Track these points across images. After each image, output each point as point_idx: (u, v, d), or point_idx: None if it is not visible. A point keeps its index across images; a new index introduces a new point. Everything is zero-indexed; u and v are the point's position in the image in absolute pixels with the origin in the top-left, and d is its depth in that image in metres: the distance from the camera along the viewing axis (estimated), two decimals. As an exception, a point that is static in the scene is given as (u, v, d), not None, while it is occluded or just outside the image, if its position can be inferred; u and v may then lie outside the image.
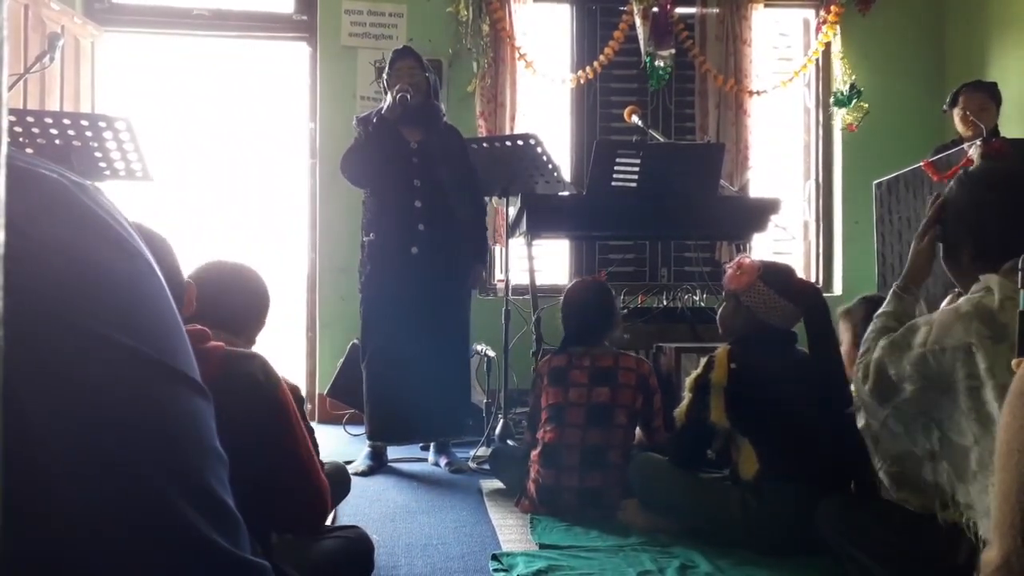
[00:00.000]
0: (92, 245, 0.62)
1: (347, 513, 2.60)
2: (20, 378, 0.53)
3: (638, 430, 2.67)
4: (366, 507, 2.70)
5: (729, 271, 2.35)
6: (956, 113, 3.57)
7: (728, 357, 2.24)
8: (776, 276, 2.29)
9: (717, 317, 2.44)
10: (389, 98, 3.17)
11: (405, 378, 3.11)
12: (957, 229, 1.77)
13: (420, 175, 3.21)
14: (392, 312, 3.19)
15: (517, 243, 3.61)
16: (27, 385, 0.55)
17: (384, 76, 3.31)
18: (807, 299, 2.27)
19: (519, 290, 3.82)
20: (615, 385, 2.58)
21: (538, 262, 3.73)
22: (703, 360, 2.31)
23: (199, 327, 1.33)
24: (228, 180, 5.54)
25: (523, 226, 3.31)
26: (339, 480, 2.38)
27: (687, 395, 2.31)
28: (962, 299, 1.65)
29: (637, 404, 2.61)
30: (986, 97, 3.53)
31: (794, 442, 2.14)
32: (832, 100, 4.86)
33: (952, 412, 1.61)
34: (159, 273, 0.67)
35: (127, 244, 0.64)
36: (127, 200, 3.49)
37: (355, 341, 3.67)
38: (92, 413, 0.59)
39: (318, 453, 1.78)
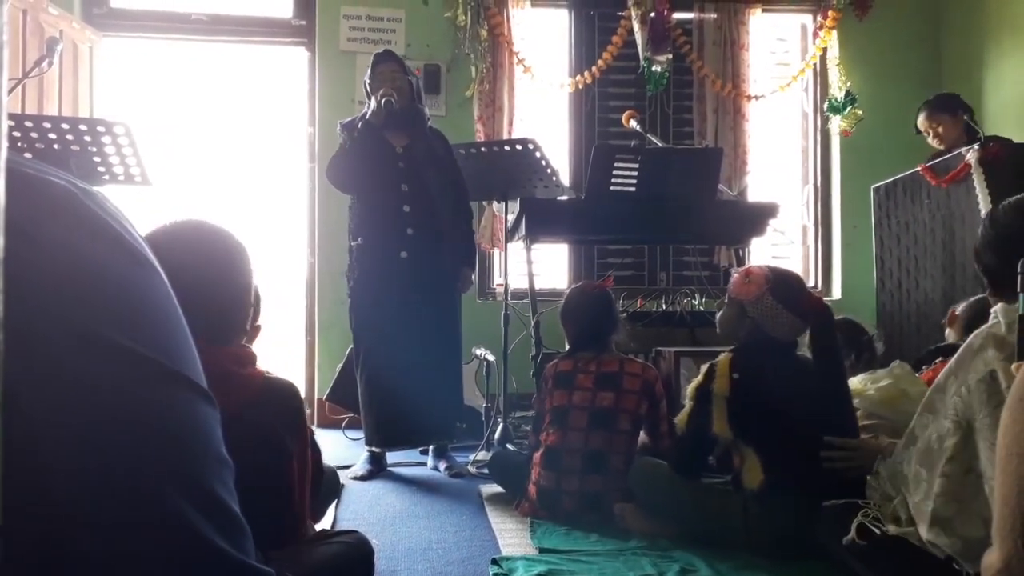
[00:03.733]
0: (99, 251, 0.62)
1: (346, 517, 2.60)
2: (22, 380, 0.53)
3: (642, 435, 2.67)
4: (365, 511, 2.70)
5: (736, 277, 2.31)
6: (926, 137, 3.66)
7: (730, 366, 2.21)
8: (785, 290, 2.24)
9: (716, 319, 2.44)
10: (373, 103, 3.17)
11: (398, 383, 3.11)
12: (979, 267, 1.80)
13: (407, 180, 3.20)
14: (382, 317, 3.18)
15: (516, 247, 3.62)
16: (29, 387, 0.55)
17: (366, 80, 3.30)
18: (814, 315, 2.22)
19: (518, 294, 3.82)
20: (619, 390, 2.59)
21: (537, 266, 3.73)
22: (704, 368, 2.29)
23: (250, 350, 1.34)
24: (226, 184, 5.54)
25: (522, 230, 3.31)
26: (328, 483, 2.38)
27: (688, 403, 2.30)
28: (971, 335, 1.67)
29: (641, 410, 2.61)
30: (933, 111, 3.60)
31: (799, 451, 2.13)
32: (826, 107, 4.88)
33: (990, 455, 1.60)
34: (165, 279, 0.67)
35: (134, 250, 0.65)
36: (125, 205, 3.49)
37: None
38: (94, 416, 0.59)
39: (320, 459, 1.78)
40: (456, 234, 3.31)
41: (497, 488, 2.91)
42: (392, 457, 3.40)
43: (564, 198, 3.65)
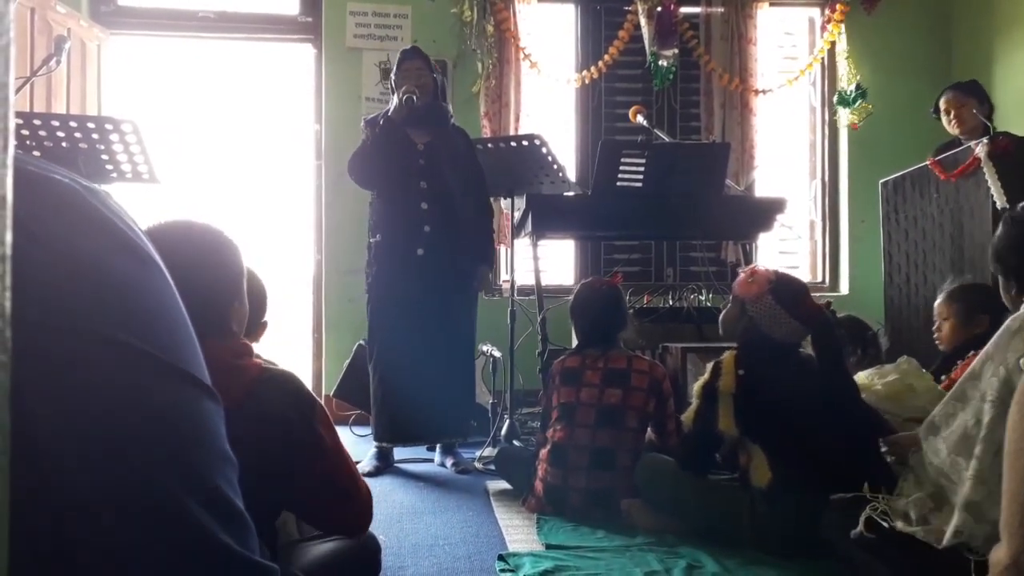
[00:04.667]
0: (102, 248, 0.62)
1: (354, 514, 2.60)
2: (28, 378, 0.53)
3: (649, 432, 2.66)
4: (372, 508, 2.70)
5: (741, 276, 2.32)
6: (943, 118, 3.59)
7: (735, 363, 2.21)
8: (786, 292, 2.24)
9: (719, 317, 2.44)
10: (396, 99, 3.18)
11: (411, 380, 3.12)
12: (1000, 268, 1.80)
13: (426, 177, 3.21)
14: (398, 313, 3.19)
15: (522, 244, 3.62)
16: (34, 386, 0.55)
17: (391, 77, 3.32)
18: (815, 322, 2.22)
19: (525, 290, 3.82)
20: (627, 387, 2.58)
21: (543, 262, 3.73)
22: (709, 366, 2.29)
23: (243, 343, 1.36)
24: (234, 182, 5.55)
25: (528, 226, 3.31)
26: None
27: (694, 401, 2.29)
28: (1009, 319, 1.66)
29: (648, 407, 2.60)
30: (961, 94, 3.54)
31: (806, 448, 2.12)
32: (836, 99, 4.86)
33: None
34: (168, 276, 0.67)
35: (137, 248, 0.65)
36: (133, 203, 3.50)
37: (361, 342, 3.68)
38: (98, 413, 0.59)
39: None
40: (474, 232, 3.30)
41: (504, 484, 2.91)
42: (399, 453, 3.41)
43: (570, 194, 3.64)
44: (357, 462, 3.23)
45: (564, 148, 4.71)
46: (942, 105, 3.58)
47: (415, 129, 3.23)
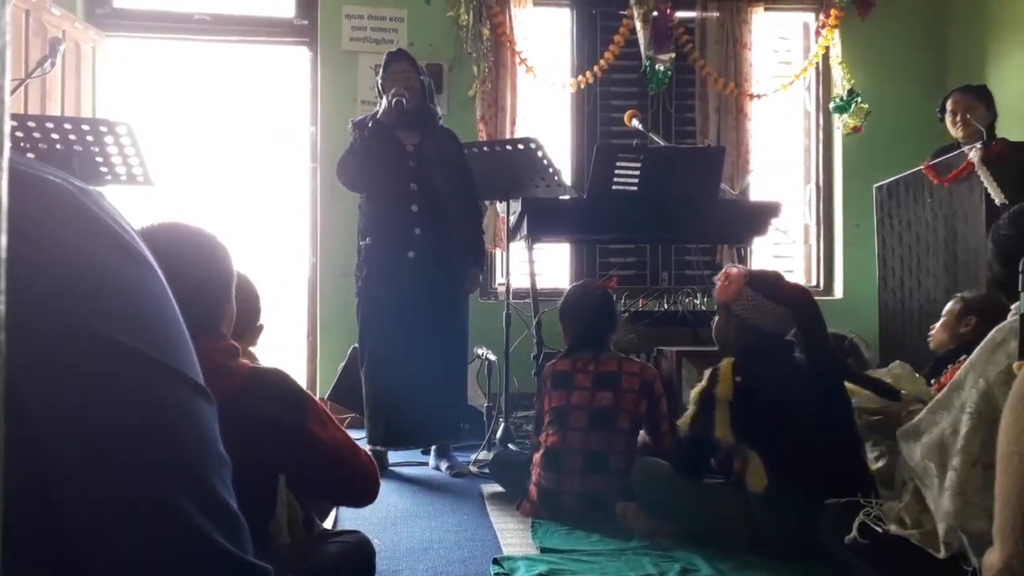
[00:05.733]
0: (96, 248, 0.62)
1: (348, 517, 2.60)
2: (24, 380, 0.53)
3: (642, 434, 2.66)
4: (366, 511, 2.69)
5: (718, 284, 2.36)
6: (948, 119, 3.57)
7: (732, 370, 2.22)
8: (763, 281, 2.29)
9: (713, 332, 2.45)
10: (384, 102, 3.17)
11: (402, 383, 3.11)
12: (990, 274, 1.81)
13: (416, 179, 3.21)
14: (389, 316, 3.19)
15: (518, 247, 3.62)
16: (31, 387, 0.55)
17: (378, 80, 3.31)
18: (796, 300, 2.26)
19: (520, 294, 3.82)
20: (618, 389, 2.58)
21: (539, 266, 3.73)
22: (707, 372, 2.30)
23: (232, 343, 1.36)
24: (229, 184, 5.54)
25: (524, 230, 3.31)
26: None
27: (691, 407, 2.30)
28: (993, 330, 1.66)
29: (640, 409, 2.60)
30: (972, 98, 3.53)
31: (803, 454, 2.13)
32: (832, 106, 4.87)
33: None
34: (162, 276, 0.67)
35: (131, 248, 0.65)
36: (128, 205, 3.49)
37: (355, 345, 3.67)
38: (94, 413, 0.59)
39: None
40: (464, 234, 3.30)
41: (498, 488, 2.91)
42: (393, 457, 3.40)
43: (566, 198, 3.64)
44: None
45: (560, 152, 4.72)
46: (949, 105, 3.56)
47: (404, 131, 3.22)
